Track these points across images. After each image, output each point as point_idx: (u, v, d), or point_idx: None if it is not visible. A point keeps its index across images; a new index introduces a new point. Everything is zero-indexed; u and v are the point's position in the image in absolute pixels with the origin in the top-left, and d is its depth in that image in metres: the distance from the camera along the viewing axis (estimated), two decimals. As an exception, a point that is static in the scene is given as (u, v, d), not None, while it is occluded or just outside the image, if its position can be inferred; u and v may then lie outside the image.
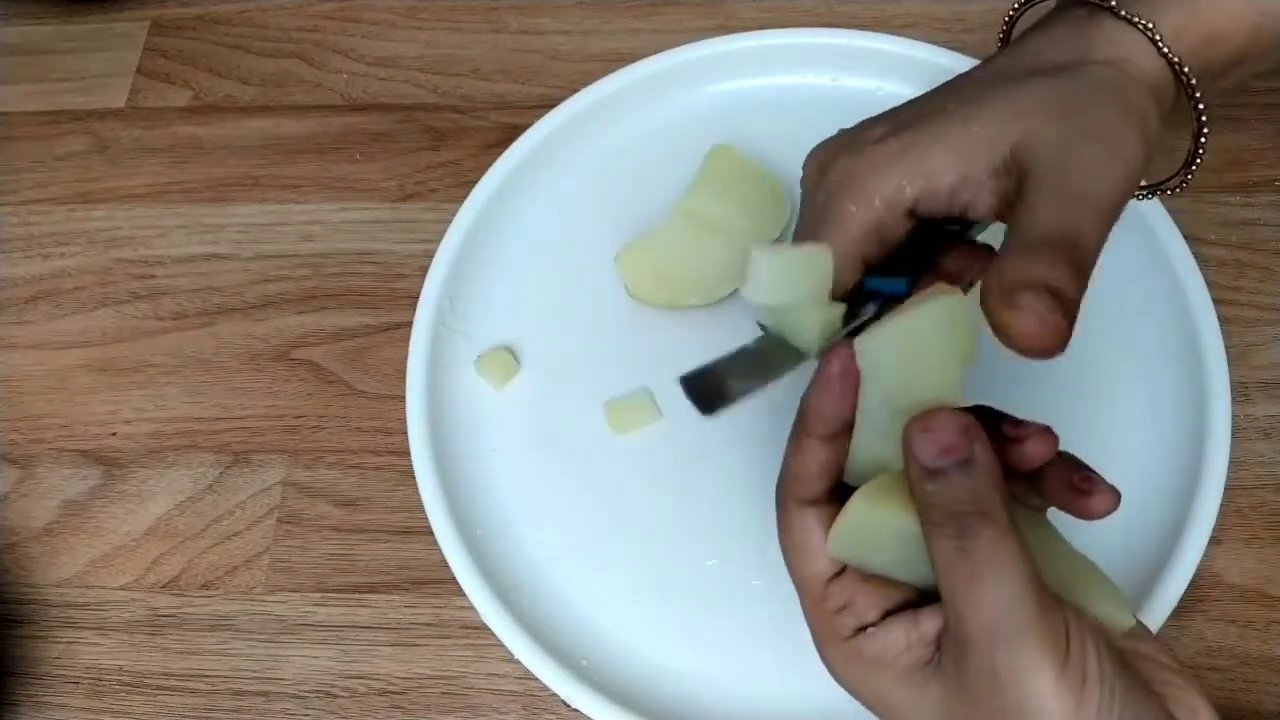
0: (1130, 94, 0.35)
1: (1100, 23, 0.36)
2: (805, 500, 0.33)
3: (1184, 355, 0.48)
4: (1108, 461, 0.47)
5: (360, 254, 0.56)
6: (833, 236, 0.34)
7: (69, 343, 0.55)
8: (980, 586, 0.29)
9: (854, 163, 0.34)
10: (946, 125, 0.34)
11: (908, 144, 0.34)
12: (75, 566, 0.50)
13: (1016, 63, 0.36)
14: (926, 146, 0.34)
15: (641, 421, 0.50)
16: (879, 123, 0.36)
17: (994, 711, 0.29)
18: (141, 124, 0.61)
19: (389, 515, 0.50)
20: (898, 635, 0.32)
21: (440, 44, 0.62)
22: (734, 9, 0.61)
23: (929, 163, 0.33)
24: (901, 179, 0.34)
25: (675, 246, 0.52)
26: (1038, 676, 0.28)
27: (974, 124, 0.34)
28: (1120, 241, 0.50)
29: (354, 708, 0.46)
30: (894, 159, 0.34)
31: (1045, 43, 0.36)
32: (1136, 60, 0.35)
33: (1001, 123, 0.33)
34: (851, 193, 0.34)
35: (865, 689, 0.32)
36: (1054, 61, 0.35)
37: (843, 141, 0.36)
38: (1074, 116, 0.33)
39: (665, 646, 0.46)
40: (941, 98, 0.36)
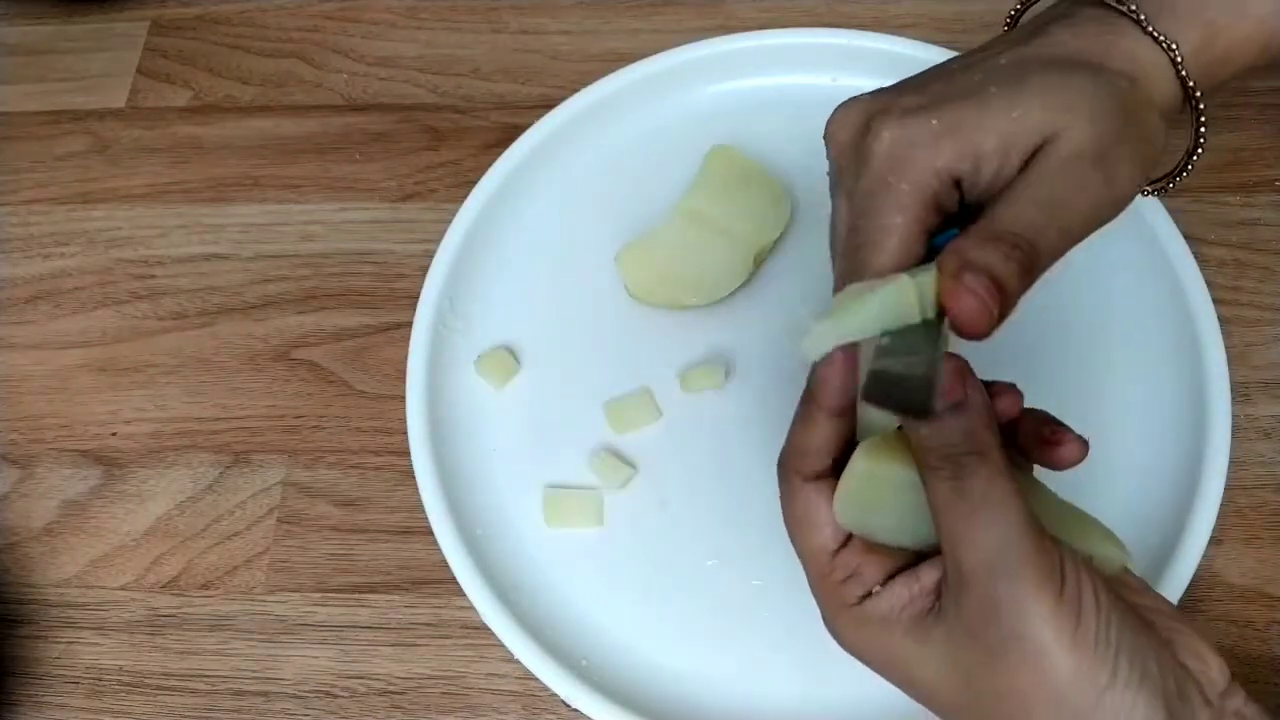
0: (1145, 118, 0.35)
1: (1124, 31, 0.36)
2: (810, 475, 0.33)
3: (1184, 355, 0.48)
4: (1108, 461, 0.48)
5: (360, 254, 0.56)
6: (896, 218, 0.33)
7: (69, 343, 0.55)
8: (976, 522, 0.30)
9: (900, 135, 0.34)
10: (991, 108, 0.33)
11: (955, 122, 0.33)
12: (75, 566, 0.50)
13: (1038, 53, 0.35)
14: (974, 127, 0.33)
15: (641, 421, 0.50)
16: (909, 91, 0.35)
17: (994, 644, 0.30)
18: (141, 124, 0.61)
19: (389, 515, 0.50)
20: (900, 591, 0.32)
21: (440, 44, 0.62)
22: (734, 9, 0.61)
23: (978, 144, 0.33)
24: (952, 157, 0.33)
25: (675, 246, 0.52)
26: (1035, 605, 0.29)
27: (1015, 109, 0.33)
28: (1120, 241, 0.50)
29: (354, 708, 0.46)
30: (942, 136, 0.33)
31: (1062, 38, 0.36)
32: (1153, 78, 0.35)
33: (1044, 112, 0.33)
34: (903, 170, 0.33)
35: (874, 652, 0.33)
36: (1079, 58, 0.35)
37: (875, 107, 0.35)
38: (1101, 128, 0.33)
39: (665, 646, 0.46)
40: (977, 75, 0.35)
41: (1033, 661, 0.29)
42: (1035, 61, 0.35)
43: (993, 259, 0.31)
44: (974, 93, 0.34)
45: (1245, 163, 0.55)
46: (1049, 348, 0.50)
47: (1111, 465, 0.48)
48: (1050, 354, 0.50)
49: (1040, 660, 0.29)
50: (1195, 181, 0.39)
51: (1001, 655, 0.30)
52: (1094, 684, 0.29)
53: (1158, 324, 0.50)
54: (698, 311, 0.52)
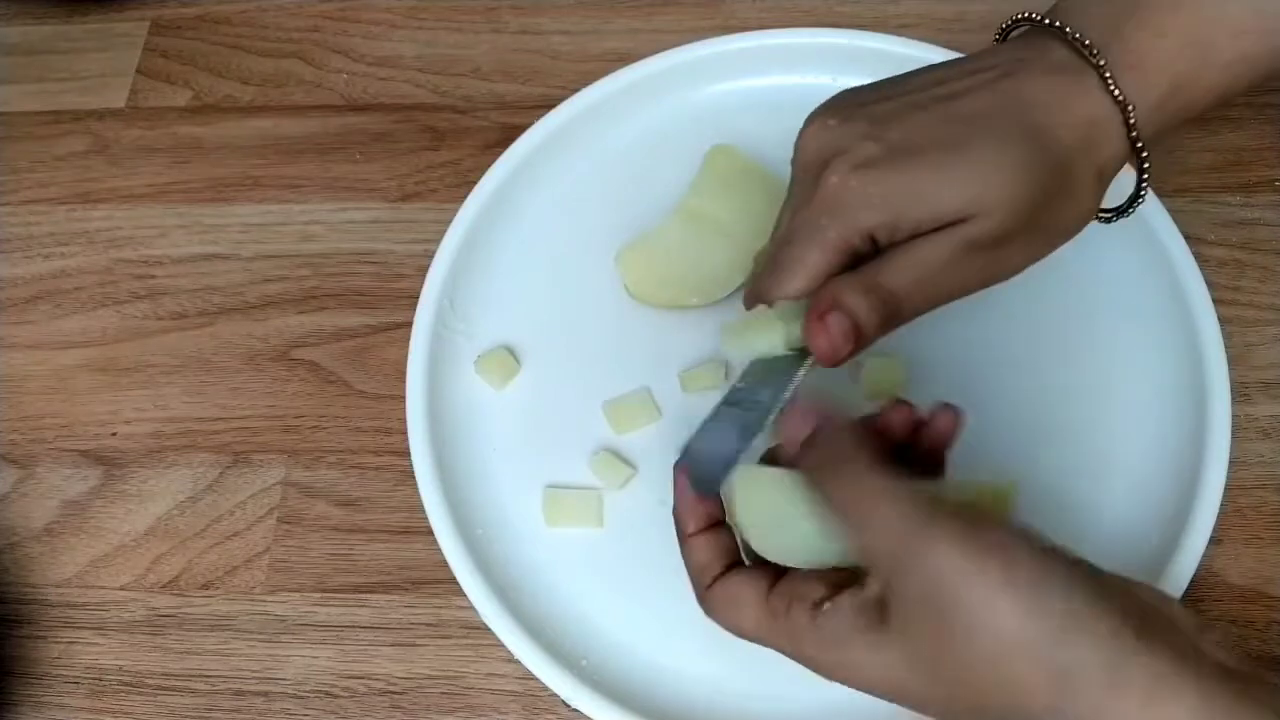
0: (1077, 191, 0.37)
1: (1084, 85, 0.37)
2: (710, 584, 0.37)
3: (1184, 355, 0.48)
4: (1108, 462, 0.48)
5: (360, 254, 0.56)
6: (814, 254, 0.37)
7: (69, 343, 0.55)
8: (872, 520, 0.32)
9: (844, 188, 0.36)
10: (933, 174, 0.36)
11: (891, 189, 0.36)
12: (75, 566, 0.50)
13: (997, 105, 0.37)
14: (911, 195, 0.36)
15: (641, 421, 0.50)
16: (869, 133, 0.37)
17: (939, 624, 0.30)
18: (141, 124, 0.61)
19: (389, 515, 0.50)
20: (845, 604, 0.33)
21: (440, 44, 0.62)
22: (734, 9, 0.61)
23: (903, 214, 0.36)
24: (879, 222, 0.36)
25: (675, 246, 0.52)
26: (953, 564, 0.30)
27: (946, 189, 0.36)
28: (1120, 241, 0.50)
29: (354, 708, 0.46)
30: (874, 203, 0.36)
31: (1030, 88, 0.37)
32: (1102, 145, 0.37)
33: (965, 198, 0.36)
34: (835, 217, 0.37)
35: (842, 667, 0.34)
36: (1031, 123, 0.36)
37: (834, 143, 0.38)
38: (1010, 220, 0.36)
39: (665, 646, 0.46)
40: (928, 127, 0.37)
41: (975, 621, 0.29)
42: (988, 124, 0.36)
43: (860, 307, 0.36)
44: (926, 151, 0.36)
45: (1245, 163, 0.55)
46: (1049, 348, 0.50)
47: (1112, 465, 0.48)
48: (1050, 354, 0.50)
49: (982, 617, 0.29)
50: (1195, 181, 0.40)
51: (950, 632, 0.30)
52: (1048, 620, 0.29)
53: (1158, 324, 0.50)
54: (698, 311, 0.52)
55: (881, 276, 0.36)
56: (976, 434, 0.47)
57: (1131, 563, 0.45)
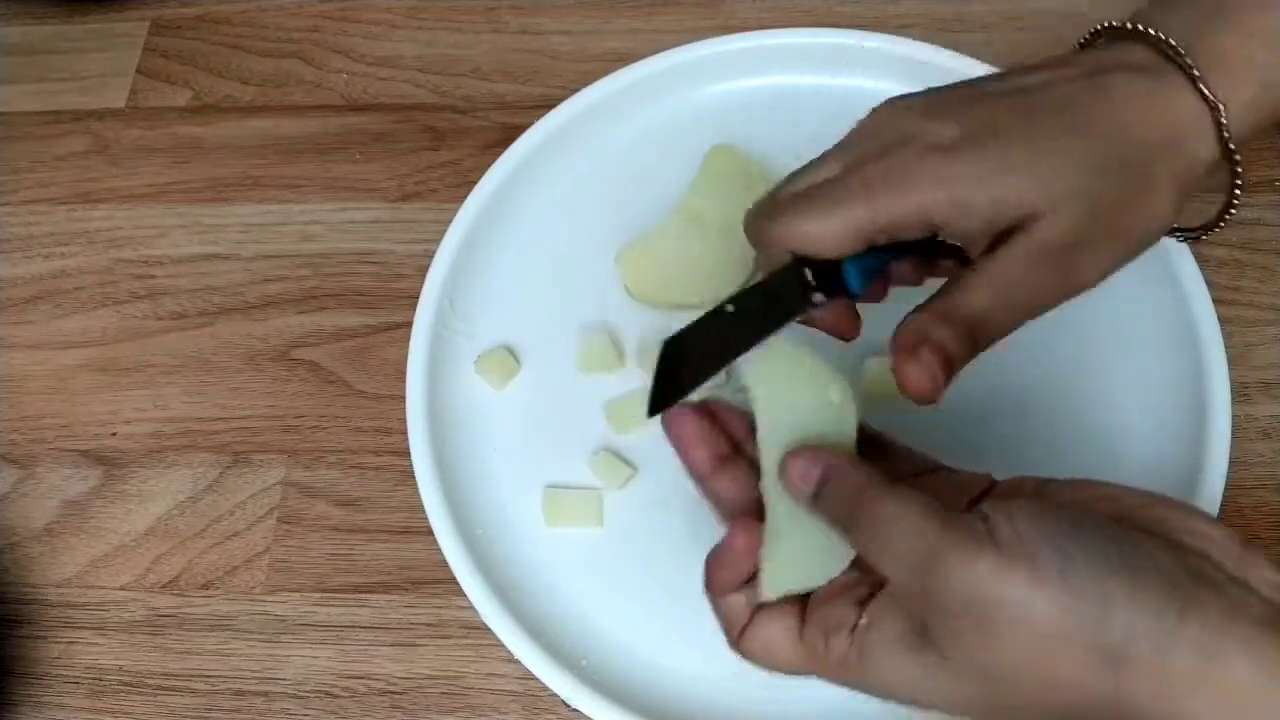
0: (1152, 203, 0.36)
1: (1172, 87, 0.36)
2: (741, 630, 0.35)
3: (1184, 356, 0.48)
4: (1108, 462, 0.48)
5: (360, 254, 0.56)
6: (860, 211, 0.35)
7: (69, 343, 0.55)
8: (889, 541, 0.31)
9: (911, 163, 0.35)
10: (999, 166, 0.34)
11: (962, 173, 0.34)
12: (75, 566, 0.50)
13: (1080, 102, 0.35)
14: (975, 185, 0.34)
15: (642, 421, 0.50)
16: (947, 116, 0.36)
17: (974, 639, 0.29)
18: (141, 124, 0.61)
19: (389, 515, 0.50)
20: (882, 612, 0.32)
21: (440, 44, 0.62)
22: (734, 9, 0.61)
23: (971, 203, 0.34)
24: (942, 204, 0.34)
25: (675, 246, 0.52)
26: (976, 571, 0.29)
27: (1016, 176, 0.34)
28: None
29: (354, 708, 0.46)
30: (943, 182, 0.34)
31: (1115, 88, 0.36)
32: (1188, 146, 0.36)
33: (1036, 191, 0.34)
34: (895, 190, 0.35)
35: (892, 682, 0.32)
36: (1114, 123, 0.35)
37: (909, 125, 0.36)
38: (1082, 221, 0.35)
39: (665, 646, 0.46)
40: (1008, 113, 0.35)
41: (1012, 624, 0.28)
42: (1067, 117, 0.35)
43: (947, 338, 0.34)
44: (1000, 138, 0.35)
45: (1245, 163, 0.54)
46: (1049, 348, 0.50)
47: (1112, 465, 0.48)
48: (1050, 354, 0.50)
49: (1017, 618, 0.28)
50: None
51: (993, 642, 0.29)
52: (1087, 607, 0.28)
53: (1158, 324, 0.50)
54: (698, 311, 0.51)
55: (958, 304, 0.35)
56: (975, 433, 0.47)
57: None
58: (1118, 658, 0.28)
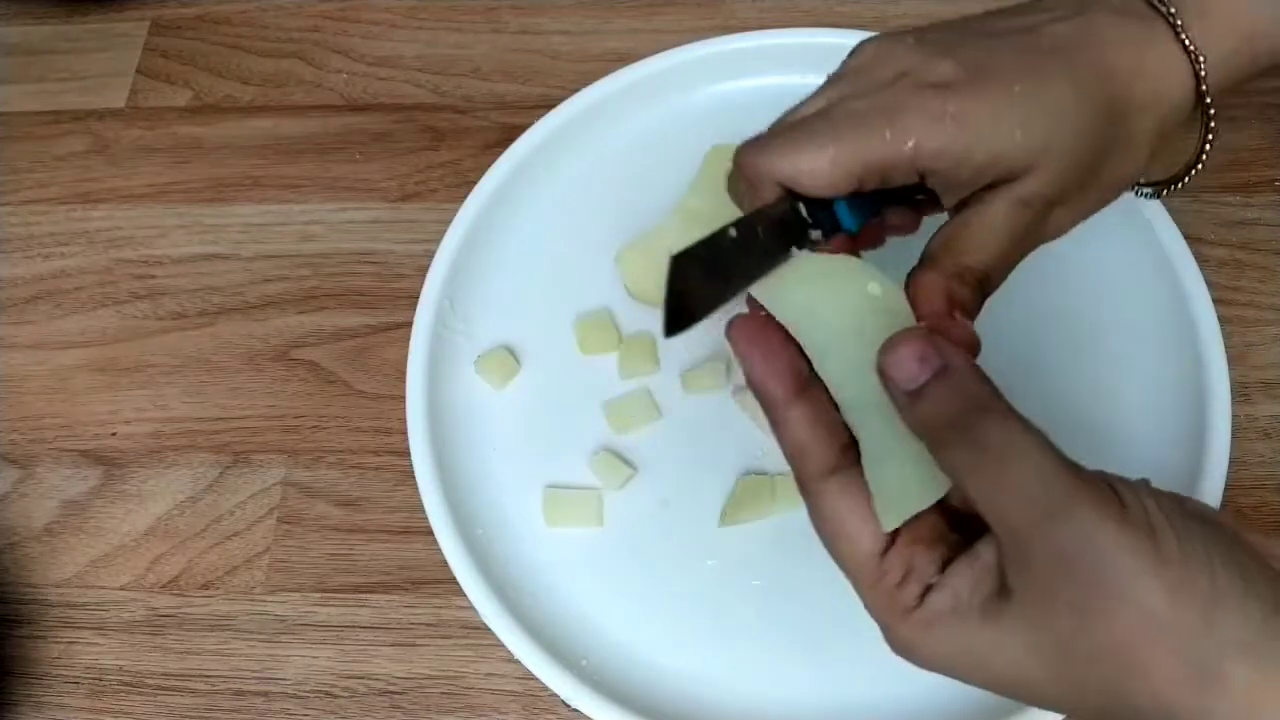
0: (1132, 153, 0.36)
1: (1155, 35, 0.35)
2: (821, 472, 0.31)
3: (1184, 355, 0.48)
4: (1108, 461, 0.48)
5: (360, 254, 0.56)
6: (855, 144, 0.33)
7: (69, 343, 0.55)
8: (1009, 476, 0.28)
9: (909, 97, 0.34)
10: (1003, 111, 0.33)
11: (964, 114, 0.33)
12: (75, 566, 0.50)
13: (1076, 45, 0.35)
14: (976, 131, 0.33)
15: (641, 421, 0.50)
16: (944, 54, 0.34)
17: (1076, 598, 0.27)
18: (141, 124, 0.61)
19: (389, 515, 0.50)
20: (963, 572, 0.30)
21: (440, 44, 0.62)
22: (734, 9, 0.61)
23: (970, 149, 0.33)
24: (941, 145, 0.33)
25: (675, 246, 0.52)
26: (1102, 535, 0.27)
27: (1019, 129, 0.33)
28: (1120, 241, 0.50)
29: (354, 708, 0.46)
30: (944, 121, 0.33)
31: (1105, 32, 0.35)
32: (1167, 97, 0.36)
33: (1033, 146, 0.34)
34: (893, 123, 0.33)
35: (949, 654, 0.30)
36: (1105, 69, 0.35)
37: (905, 59, 0.35)
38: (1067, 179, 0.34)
39: (665, 646, 0.46)
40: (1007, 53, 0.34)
41: (1121, 598, 0.26)
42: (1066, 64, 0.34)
43: (966, 296, 0.34)
44: (1001, 80, 0.34)
45: (1245, 163, 0.55)
46: (1049, 348, 0.50)
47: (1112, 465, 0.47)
48: (1050, 354, 0.50)
49: (1129, 593, 0.26)
50: (1195, 181, 0.39)
51: (1087, 608, 0.27)
52: (1195, 603, 0.26)
53: (1158, 324, 0.50)
54: (698, 311, 0.52)
55: (966, 258, 0.34)
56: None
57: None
58: (1213, 666, 0.26)
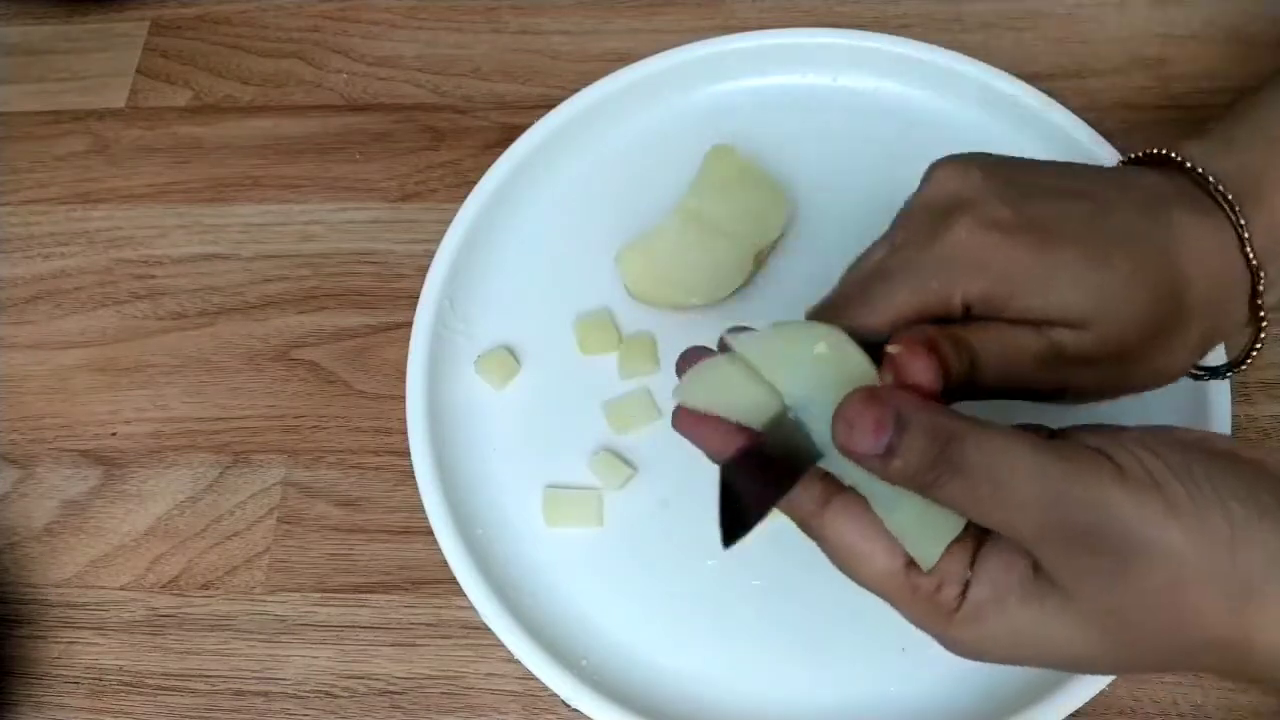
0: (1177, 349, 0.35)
1: (1226, 239, 0.35)
2: (816, 507, 0.32)
3: (1184, 355, 0.48)
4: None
5: (360, 254, 0.56)
6: (904, 294, 0.34)
7: (69, 343, 0.55)
8: (1003, 486, 0.28)
9: (969, 240, 0.34)
10: (1054, 273, 0.33)
11: (1019, 263, 0.33)
12: (75, 566, 0.50)
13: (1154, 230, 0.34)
14: (1034, 278, 0.33)
15: (641, 421, 0.50)
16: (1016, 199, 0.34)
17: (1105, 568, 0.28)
18: (141, 124, 0.61)
19: (389, 515, 0.50)
20: (993, 561, 0.30)
21: (440, 44, 0.62)
22: (734, 9, 0.61)
23: (1024, 293, 0.33)
24: (992, 290, 0.33)
25: (675, 246, 0.52)
26: (1107, 501, 0.27)
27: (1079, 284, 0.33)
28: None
29: (354, 708, 0.46)
30: (997, 269, 0.33)
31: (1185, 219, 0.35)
32: (1228, 301, 0.35)
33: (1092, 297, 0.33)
34: (944, 271, 0.34)
35: (1000, 642, 0.30)
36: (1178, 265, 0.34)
37: (976, 188, 0.35)
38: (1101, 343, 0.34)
39: (665, 646, 0.46)
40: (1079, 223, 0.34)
41: (1148, 554, 0.27)
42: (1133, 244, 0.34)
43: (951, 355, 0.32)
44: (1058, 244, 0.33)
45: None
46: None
47: (1111, 465, 0.48)
48: (1050, 354, 0.50)
49: (1153, 548, 0.27)
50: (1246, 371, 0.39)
51: (1120, 573, 0.28)
52: (1215, 542, 0.27)
53: (1158, 324, 0.50)
54: (698, 311, 0.52)
55: (970, 339, 0.33)
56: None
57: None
58: (1246, 593, 0.27)
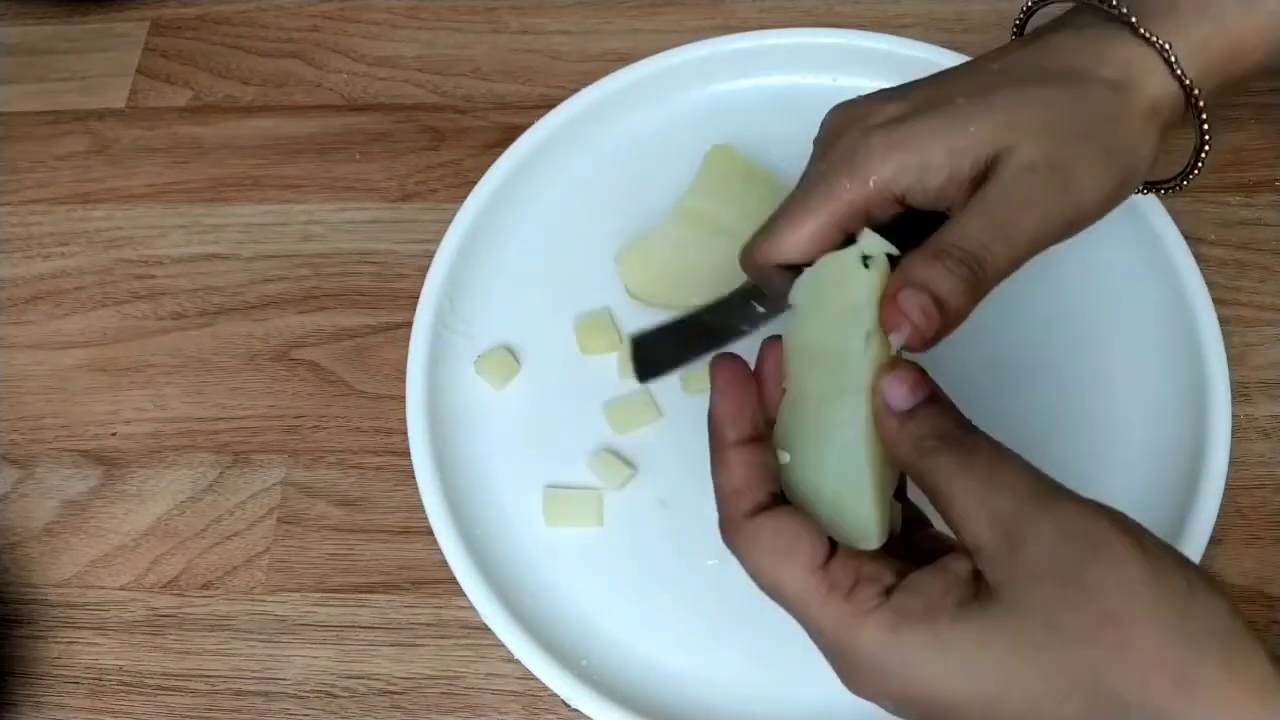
0: (1123, 126, 0.35)
1: (1116, 36, 0.36)
2: (753, 511, 0.32)
3: (1184, 355, 0.48)
4: (1108, 462, 0.48)
5: (360, 254, 0.56)
6: (823, 205, 0.35)
7: (69, 343, 0.55)
8: (1000, 470, 0.30)
9: (858, 141, 0.35)
10: (949, 121, 0.34)
11: (910, 134, 0.34)
12: (75, 566, 0.50)
13: (1026, 61, 0.36)
14: (926, 141, 0.34)
15: (641, 421, 0.50)
16: (894, 98, 0.36)
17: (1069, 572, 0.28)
18: (141, 124, 0.61)
19: (389, 515, 0.50)
20: (932, 580, 0.30)
21: (440, 44, 0.62)
22: (734, 9, 0.61)
23: (925, 157, 0.34)
24: (896, 168, 0.34)
25: (675, 246, 0.52)
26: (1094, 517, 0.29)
27: (972, 124, 0.34)
28: (1120, 241, 0.50)
29: (354, 708, 0.46)
30: (893, 148, 0.34)
31: (1059, 44, 0.36)
32: (1144, 81, 0.36)
33: (994, 129, 0.34)
34: (850, 170, 0.35)
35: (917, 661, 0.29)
36: (1063, 68, 0.35)
37: (857, 112, 0.36)
38: (1056, 141, 0.34)
39: (665, 646, 0.46)
40: (956, 83, 0.36)
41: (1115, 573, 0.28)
42: (1007, 75, 0.35)
43: (936, 275, 0.32)
44: (942, 104, 0.35)
45: (1245, 163, 0.55)
46: (1049, 347, 0.50)
47: (1112, 465, 0.48)
48: (1050, 354, 0.50)
49: (1119, 570, 0.28)
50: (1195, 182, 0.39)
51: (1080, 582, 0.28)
52: (1176, 591, 0.28)
53: (1158, 324, 0.50)
54: (698, 311, 0.52)
55: (951, 237, 0.33)
56: (976, 434, 0.47)
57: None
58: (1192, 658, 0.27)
